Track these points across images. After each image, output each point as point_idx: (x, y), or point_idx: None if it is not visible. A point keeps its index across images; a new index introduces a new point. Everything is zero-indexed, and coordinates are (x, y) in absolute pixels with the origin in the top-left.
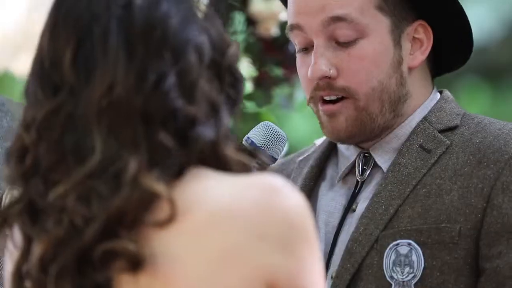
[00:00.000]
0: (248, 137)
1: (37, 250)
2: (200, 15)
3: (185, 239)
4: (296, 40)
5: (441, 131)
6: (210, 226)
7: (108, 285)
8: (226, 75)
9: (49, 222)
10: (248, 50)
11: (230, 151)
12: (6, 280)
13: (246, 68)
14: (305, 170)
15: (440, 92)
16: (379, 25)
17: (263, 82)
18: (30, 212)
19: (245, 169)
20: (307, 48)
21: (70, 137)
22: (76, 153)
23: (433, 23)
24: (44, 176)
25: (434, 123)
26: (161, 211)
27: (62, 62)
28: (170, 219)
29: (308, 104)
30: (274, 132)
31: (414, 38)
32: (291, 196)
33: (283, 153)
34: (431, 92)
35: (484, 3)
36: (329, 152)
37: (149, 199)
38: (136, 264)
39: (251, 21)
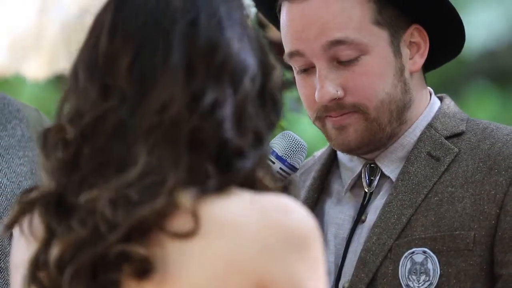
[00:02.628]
0: (269, 146)
1: (57, 247)
2: (251, 35)
3: (194, 248)
4: (296, 64)
5: (448, 138)
6: (218, 237)
7: None
8: (269, 101)
9: (75, 222)
10: None
11: (260, 173)
12: (12, 266)
13: None
14: (308, 182)
15: (440, 99)
16: (379, 40)
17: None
18: (58, 208)
19: (266, 187)
20: (307, 69)
21: (116, 146)
22: (118, 162)
23: (426, 25)
24: (82, 176)
25: (440, 130)
26: (182, 223)
27: (119, 66)
28: (192, 233)
29: (313, 123)
30: (295, 142)
31: (411, 42)
32: (296, 214)
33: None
34: (429, 94)
35: (493, 7)
36: (330, 164)
37: (174, 211)
38: (145, 270)
39: (261, 24)
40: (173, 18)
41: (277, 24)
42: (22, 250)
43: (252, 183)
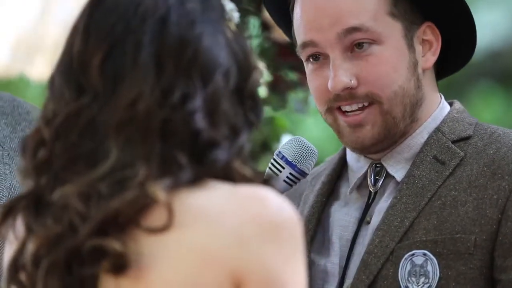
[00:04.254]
0: (279, 152)
1: (32, 244)
2: (230, 35)
3: (169, 242)
4: (307, 55)
5: (454, 142)
6: (192, 229)
7: (93, 284)
8: (248, 100)
9: (49, 219)
10: (263, 54)
11: (237, 165)
12: (4, 270)
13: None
14: (317, 186)
15: (450, 104)
16: (393, 31)
17: (277, 87)
18: (35, 206)
19: (246, 180)
20: (319, 59)
21: (87, 141)
22: (90, 157)
23: (440, 24)
24: (55, 173)
25: (447, 134)
26: (157, 217)
27: (91, 66)
28: (166, 227)
29: (323, 116)
30: (305, 148)
31: (423, 40)
32: (274, 205)
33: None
34: (440, 98)
35: (498, 7)
36: (340, 169)
37: (147, 204)
38: (121, 265)
39: (266, 26)
40: (143, 17)
41: (284, 25)
42: (8, 254)
43: (231, 176)
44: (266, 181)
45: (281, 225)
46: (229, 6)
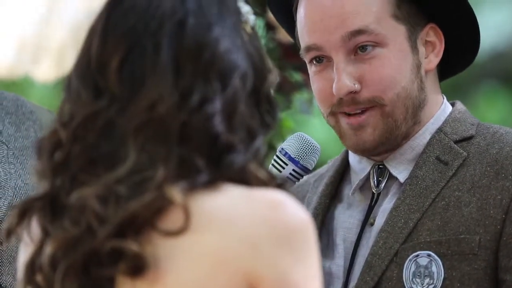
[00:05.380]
0: (282, 148)
1: (50, 246)
2: (246, 38)
3: (185, 245)
4: (310, 58)
5: (457, 142)
6: (208, 232)
7: (110, 286)
8: (264, 102)
9: (67, 221)
10: (268, 55)
11: (253, 168)
12: (19, 272)
13: None
14: (320, 188)
15: (452, 104)
16: (397, 33)
17: (282, 87)
18: (52, 208)
19: (261, 183)
20: (322, 61)
21: (105, 143)
22: (108, 159)
23: (443, 25)
24: (72, 175)
25: (450, 134)
26: (174, 220)
27: (109, 68)
28: (182, 230)
29: (326, 118)
30: (308, 144)
31: (426, 41)
32: (288, 209)
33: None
34: (442, 99)
35: (502, 8)
36: (343, 170)
37: (164, 206)
38: (138, 267)
39: (270, 27)
40: (162, 19)
41: (287, 25)
42: (23, 255)
43: (246, 179)
44: (281, 185)
45: (295, 229)
46: (245, 9)
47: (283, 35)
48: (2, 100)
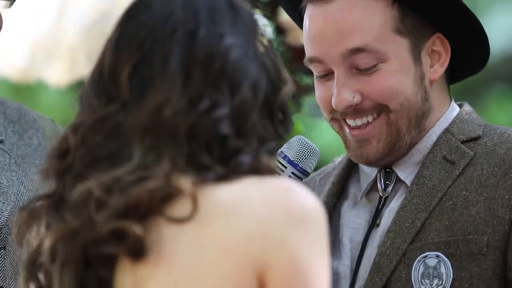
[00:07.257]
0: (281, 151)
1: (49, 238)
2: (262, 49)
3: (192, 231)
4: (315, 70)
5: (464, 142)
6: (217, 220)
7: (109, 279)
8: (278, 113)
9: (69, 214)
10: None
11: (264, 158)
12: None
13: None
14: (327, 187)
15: (460, 106)
16: (399, 48)
17: (292, 91)
18: (57, 207)
19: (272, 172)
20: (327, 75)
21: (111, 144)
22: (112, 159)
23: (450, 34)
24: (76, 173)
25: (457, 134)
26: (182, 208)
27: (120, 76)
28: (190, 217)
29: (329, 123)
30: (307, 147)
31: (432, 51)
32: (298, 194)
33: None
34: (450, 102)
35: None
36: (350, 169)
37: (172, 194)
38: (139, 249)
39: (280, 30)
40: (173, 29)
41: (299, 21)
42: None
43: (258, 169)
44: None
45: (306, 213)
46: (263, 21)
47: (293, 39)
48: (6, 109)
